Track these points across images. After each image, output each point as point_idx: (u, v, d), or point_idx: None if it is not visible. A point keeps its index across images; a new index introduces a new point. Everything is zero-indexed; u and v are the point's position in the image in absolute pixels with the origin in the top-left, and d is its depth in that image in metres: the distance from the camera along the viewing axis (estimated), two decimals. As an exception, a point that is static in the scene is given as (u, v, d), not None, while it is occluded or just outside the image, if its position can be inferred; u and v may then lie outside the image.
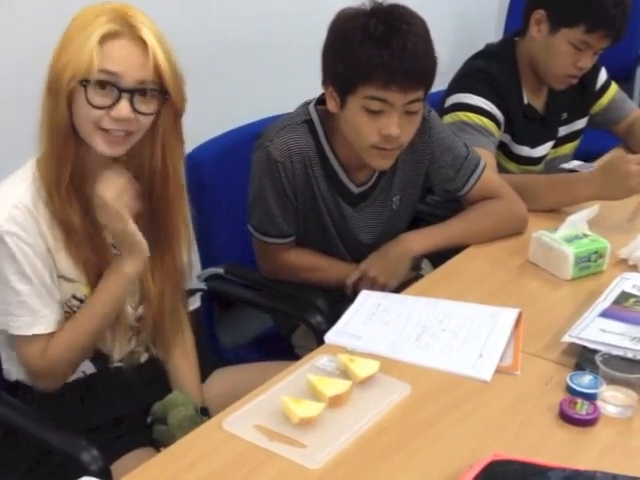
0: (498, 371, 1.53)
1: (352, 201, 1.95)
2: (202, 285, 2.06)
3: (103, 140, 1.51)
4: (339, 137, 1.86)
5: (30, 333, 1.55)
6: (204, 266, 2.09)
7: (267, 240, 1.94)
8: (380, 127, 1.75)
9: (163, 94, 1.51)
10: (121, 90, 1.47)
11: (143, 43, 1.46)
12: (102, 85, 1.46)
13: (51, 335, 1.57)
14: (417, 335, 1.64)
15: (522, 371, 1.54)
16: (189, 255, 1.73)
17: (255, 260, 2.02)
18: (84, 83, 1.45)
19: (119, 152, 1.54)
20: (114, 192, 1.54)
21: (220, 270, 2.04)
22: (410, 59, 1.70)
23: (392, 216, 2.01)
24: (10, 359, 1.65)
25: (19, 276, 1.52)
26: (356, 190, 1.95)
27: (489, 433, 1.39)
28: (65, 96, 1.46)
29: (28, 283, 1.53)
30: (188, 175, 1.99)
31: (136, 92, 1.48)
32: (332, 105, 1.81)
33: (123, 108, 1.48)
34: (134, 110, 1.49)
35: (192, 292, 2.00)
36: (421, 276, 2.00)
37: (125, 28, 1.45)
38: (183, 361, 1.77)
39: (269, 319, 2.18)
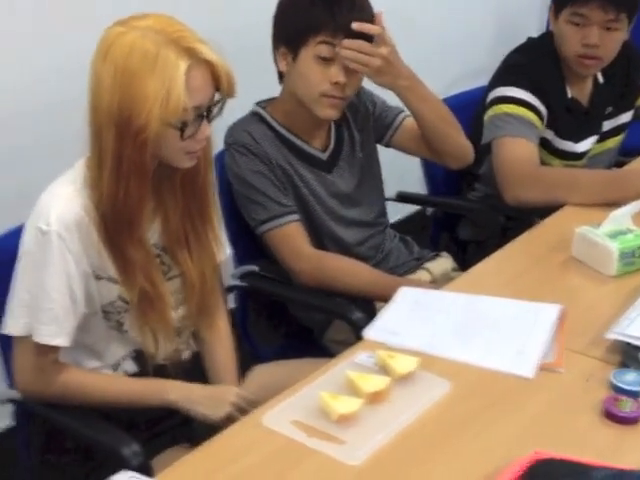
0: (541, 368, 1.51)
1: (326, 167, 2.08)
2: (238, 282, 2.05)
3: (188, 159, 1.55)
4: (285, 113, 2.03)
5: (53, 343, 1.53)
6: (238, 265, 2.07)
7: (279, 222, 1.96)
8: (330, 76, 1.92)
9: (227, 96, 1.54)
10: (203, 115, 1.50)
11: (207, 63, 1.48)
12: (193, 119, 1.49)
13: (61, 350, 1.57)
14: (457, 331, 1.62)
15: (565, 368, 1.52)
16: (222, 233, 1.76)
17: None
18: (182, 128, 1.47)
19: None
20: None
21: (255, 267, 2.04)
22: (356, 11, 1.90)
23: (363, 168, 2.15)
24: None
25: (56, 281, 1.51)
26: (324, 156, 2.08)
27: (531, 431, 1.37)
28: (155, 141, 1.47)
29: (61, 291, 1.51)
30: (220, 172, 2.01)
31: (211, 108, 1.52)
32: (283, 65, 1.98)
33: (206, 129, 1.53)
34: (209, 122, 1.53)
35: (229, 289, 2.00)
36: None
37: (191, 58, 1.45)
38: (219, 344, 1.78)
39: (299, 318, 2.16)
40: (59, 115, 1.94)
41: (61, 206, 1.50)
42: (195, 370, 1.74)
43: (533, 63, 2.37)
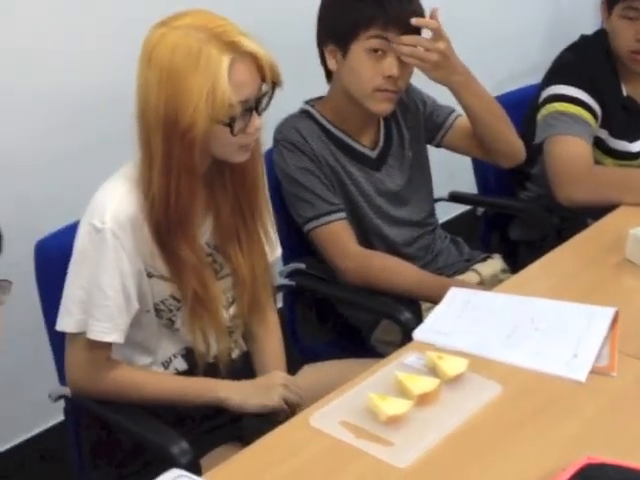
0: (593, 372, 1.49)
1: (375, 165, 2.07)
2: (286, 281, 2.05)
3: (242, 153, 1.55)
4: (334, 111, 2.03)
5: (106, 340, 1.54)
6: (285, 263, 2.06)
7: (326, 220, 1.95)
8: (382, 69, 1.90)
9: (274, 86, 1.53)
10: (252, 108, 1.50)
11: (250, 55, 1.47)
12: (240, 114, 1.49)
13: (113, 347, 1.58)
14: (508, 333, 1.60)
15: (618, 372, 1.49)
16: (273, 228, 1.75)
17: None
18: (231, 124, 1.47)
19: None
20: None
21: (302, 265, 2.04)
22: (406, 2, 1.90)
23: (412, 167, 2.13)
24: None
25: (110, 279, 1.52)
26: (373, 154, 2.07)
27: (583, 435, 1.35)
28: (203, 139, 1.47)
29: (115, 288, 1.52)
30: (269, 169, 2.00)
31: (260, 100, 1.51)
32: (332, 63, 1.97)
33: (256, 122, 1.52)
34: (259, 114, 1.52)
35: (278, 289, 2.00)
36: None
37: (234, 52, 1.44)
38: (269, 340, 1.78)
39: (347, 318, 2.14)
40: (114, 113, 1.96)
41: (115, 204, 1.51)
42: (244, 369, 1.75)
43: (587, 61, 2.34)
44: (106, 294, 1.52)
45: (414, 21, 1.87)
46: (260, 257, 1.70)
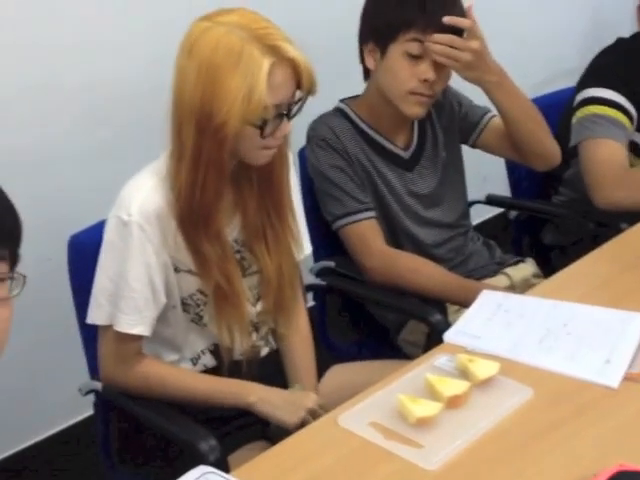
0: (626, 378, 1.46)
1: (407, 165, 2.07)
2: (316, 279, 2.05)
3: (264, 156, 1.55)
4: (369, 110, 2.03)
5: (132, 332, 1.55)
6: (317, 260, 2.07)
7: (355, 219, 1.95)
8: (419, 73, 1.89)
9: (308, 94, 1.53)
10: (283, 113, 1.50)
11: (290, 61, 1.47)
12: (273, 118, 1.49)
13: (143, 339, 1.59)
14: (540, 337, 1.59)
15: (652, 379, 1.47)
16: (300, 227, 1.75)
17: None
18: (262, 126, 1.47)
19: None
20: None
21: (331, 263, 2.04)
22: (448, 7, 1.88)
23: (445, 168, 2.12)
24: None
25: (137, 271, 1.52)
26: (405, 154, 2.07)
27: (615, 442, 1.33)
28: (233, 139, 1.47)
29: (141, 281, 1.53)
30: (304, 167, 2.02)
31: (292, 106, 1.51)
32: (370, 62, 1.96)
33: (286, 127, 1.52)
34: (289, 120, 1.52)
35: (308, 288, 2.00)
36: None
37: (275, 56, 1.44)
38: (298, 342, 1.77)
39: (375, 316, 2.14)
40: (148, 108, 1.99)
41: (142, 197, 1.52)
42: (272, 368, 1.75)
43: (623, 64, 2.31)
44: (132, 286, 1.53)
45: (447, 19, 1.85)
46: (287, 256, 1.70)
